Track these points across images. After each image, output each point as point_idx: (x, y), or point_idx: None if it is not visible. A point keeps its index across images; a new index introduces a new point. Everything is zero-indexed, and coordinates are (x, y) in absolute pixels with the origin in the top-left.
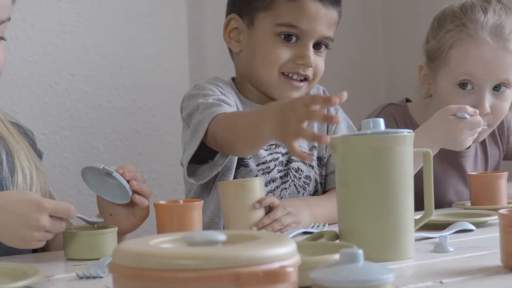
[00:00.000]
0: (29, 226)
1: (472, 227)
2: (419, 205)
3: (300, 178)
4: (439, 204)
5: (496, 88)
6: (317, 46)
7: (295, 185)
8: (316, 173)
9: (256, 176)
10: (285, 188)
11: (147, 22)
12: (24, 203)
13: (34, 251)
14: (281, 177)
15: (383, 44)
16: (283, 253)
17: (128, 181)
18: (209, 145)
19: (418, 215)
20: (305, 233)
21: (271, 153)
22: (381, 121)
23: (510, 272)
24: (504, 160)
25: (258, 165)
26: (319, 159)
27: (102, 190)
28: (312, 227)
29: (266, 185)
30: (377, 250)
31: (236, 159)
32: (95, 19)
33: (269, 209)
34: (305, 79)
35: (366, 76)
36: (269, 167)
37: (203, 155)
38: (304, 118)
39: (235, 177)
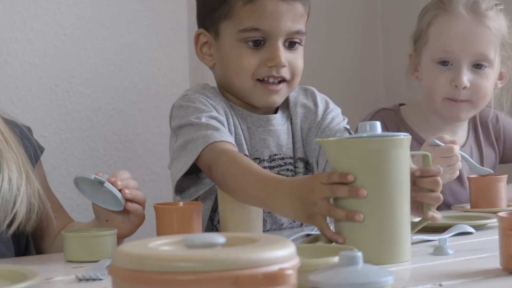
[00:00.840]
0: None
1: (471, 230)
2: None
3: None
4: None
5: (476, 66)
6: (290, 44)
7: None
8: None
9: None
10: None
11: (147, 24)
12: None
13: (26, 253)
14: None
15: (383, 47)
16: (283, 255)
17: (120, 190)
18: (199, 166)
19: (418, 218)
20: (307, 235)
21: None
22: (378, 124)
23: (510, 275)
24: (500, 163)
25: None
26: (306, 163)
27: (96, 197)
28: (313, 229)
29: None
30: (373, 253)
31: None
32: (95, 22)
33: None
34: (283, 80)
35: (366, 79)
36: None
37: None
38: (329, 196)
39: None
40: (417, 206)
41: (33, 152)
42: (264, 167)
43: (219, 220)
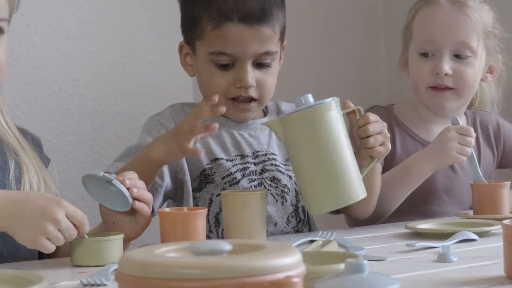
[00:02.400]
0: (45, 217)
1: (475, 236)
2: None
3: (277, 187)
4: (429, 193)
5: (459, 56)
6: (259, 64)
7: (272, 194)
8: (295, 184)
9: (224, 189)
10: None
11: (150, 28)
12: (45, 197)
13: (40, 257)
14: (254, 187)
15: (385, 48)
16: (289, 263)
17: (128, 189)
18: None
19: (422, 224)
20: (311, 241)
21: (235, 164)
22: (310, 96)
23: None
24: (499, 168)
25: (223, 178)
26: None
27: (103, 198)
28: (317, 236)
29: None
30: (331, 197)
31: (190, 187)
32: (99, 25)
33: None
34: (253, 99)
35: (368, 80)
36: (235, 177)
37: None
38: (195, 119)
39: (203, 196)
40: (363, 154)
41: (45, 160)
42: (249, 163)
43: (210, 229)
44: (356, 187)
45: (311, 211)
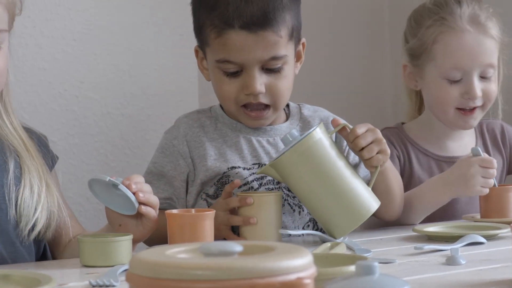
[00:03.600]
0: None
1: (483, 240)
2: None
3: (294, 197)
4: (451, 216)
5: (484, 76)
6: (268, 69)
7: (289, 204)
8: None
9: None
10: None
11: (156, 31)
12: None
13: (43, 258)
14: None
15: (390, 56)
16: (300, 264)
17: (134, 193)
18: None
19: (430, 227)
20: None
21: (252, 173)
22: (294, 131)
23: None
24: (509, 174)
25: (240, 187)
26: None
27: (109, 201)
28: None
29: None
30: (346, 219)
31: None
32: (105, 28)
33: None
34: (267, 105)
35: (372, 84)
36: (252, 187)
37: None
38: (225, 208)
39: None
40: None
41: (50, 160)
42: None
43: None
44: (367, 201)
45: (334, 237)
